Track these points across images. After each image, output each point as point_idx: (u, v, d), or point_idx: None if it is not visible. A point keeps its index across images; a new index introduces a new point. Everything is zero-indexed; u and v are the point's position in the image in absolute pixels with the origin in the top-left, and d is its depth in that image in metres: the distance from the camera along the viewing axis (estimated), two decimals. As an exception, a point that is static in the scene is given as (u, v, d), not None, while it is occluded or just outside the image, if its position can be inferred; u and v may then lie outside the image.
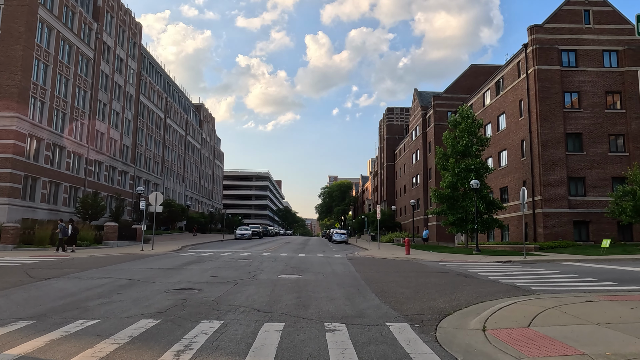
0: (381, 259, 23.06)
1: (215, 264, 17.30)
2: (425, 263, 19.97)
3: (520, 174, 35.56)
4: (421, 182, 56.79)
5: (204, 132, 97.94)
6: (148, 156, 65.76)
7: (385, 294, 10.44)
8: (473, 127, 32.76)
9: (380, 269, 16.75)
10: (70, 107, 44.88)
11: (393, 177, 79.17)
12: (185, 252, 25.85)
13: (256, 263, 18.09)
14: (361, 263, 19.62)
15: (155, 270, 14.86)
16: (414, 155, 61.61)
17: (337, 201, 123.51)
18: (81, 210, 41.53)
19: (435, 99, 52.97)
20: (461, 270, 16.55)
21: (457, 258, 23.28)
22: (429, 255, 26.11)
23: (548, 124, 32.88)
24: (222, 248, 31.73)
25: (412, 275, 14.35)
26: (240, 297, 9.71)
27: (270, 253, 26.13)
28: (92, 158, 49.15)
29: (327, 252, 29.82)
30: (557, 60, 33.68)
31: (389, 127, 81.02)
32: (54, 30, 41.72)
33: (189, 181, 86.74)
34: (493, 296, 10.16)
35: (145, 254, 22.95)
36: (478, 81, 52.56)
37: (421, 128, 56.89)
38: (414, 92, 61.95)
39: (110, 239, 29.90)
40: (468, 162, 31.93)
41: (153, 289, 10.75)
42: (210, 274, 14.04)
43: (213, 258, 20.60)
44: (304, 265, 17.53)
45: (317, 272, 15.17)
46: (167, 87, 76.13)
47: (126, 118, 58.17)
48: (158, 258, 20.29)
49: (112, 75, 53.64)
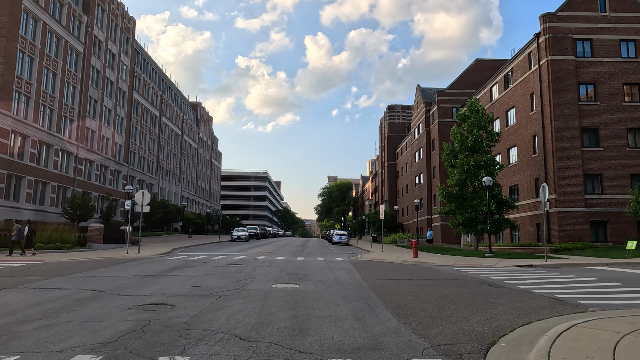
0: (387, 263, 21.03)
1: (201, 270, 15.28)
2: (438, 268, 17.96)
3: (532, 171, 33.56)
4: (424, 181, 54.78)
5: (201, 131, 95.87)
6: (142, 155, 63.71)
7: (403, 310, 8.43)
8: (483, 121, 30.75)
9: (390, 276, 14.73)
10: (59, 103, 42.84)
11: (395, 177, 77.14)
12: (173, 255, 23.83)
13: (248, 269, 16.06)
14: (366, 268, 17.60)
15: (129, 279, 12.85)
16: (416, 154, 59.59)
17: (337, 202, 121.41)
18: (69, 211, 39.50)
19: (439, 94, 51.00)
20: (481, 277, 14.55)
21: (470, 262, 21.28)
22: (439, 258, 24.09)
23: (562, 118, 30.89)
24: (216, 251, 29.72)
25: (428, 284, 12.34)
26: (221, 316, 7.70)
27: (266, 256, 24.10)
28: (82, 157, 47.11)
29: (327, 255, 27.82)
30: (571, 50, 31.71)
31: (390, 125, 78.95)
32: (40, 21, 39.69)
33: (186, 181, 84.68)
34: (537, 313, 8.16)
35: (129, 258, 20.93)
36: (483, 76, 50.67)
37: (424, 125, 54.89)
38: (416, 89, 59.97)
39: (95, 241, 27.83)
40: (478, 158, 29.93)
41: (116, 304, 8.74)
42: (192, 283, 12.03)
43: (202, 263, 18.58)
44: (303, 272, 15.51)
45: (317, 280, 13.16)
46: (163, 84, 74.09)
47: (119, 115, 56.14)
48: (140, 263, 18.27)
49: (103, 71, 51.62)
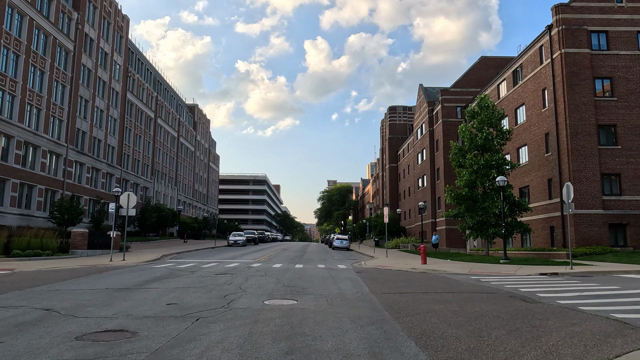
0: (395, 271, 19.08)
1: (185, 282, 13.34)
2: (454, 277, 16.02)
3: (544, 171, 31.69)
4: (428, 183, 52.88)
5: (198, 133, 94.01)
6: (136, 158, 61.79)
7: (431, 340, 6.50)
8: (493, 117, 28.88)
9: (402, 288, 12.78)
10: (47, 102, 40.97)
11: (396, 179, 75.25)
12: (161, 262, 21.88)
13: (240, 279, 14.13)
14: (373, 278, 15.66)
15: (97, 293, 10.92)
16: (419, 155, 57.73)
17: (336, 205, 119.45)
18: (56, 215, 37.56)
19: (443, 93, 49.20)
20: (507, 288, 12.63)
21: (486, 269, 19.35)
22: (450, 265, 22.15)
23: (577, 114, 29.05)
24: (209, 257, 27.78)
25: (451, 300, 10.41)
26: (192, 351, 5.78)
27: (262, 263, 22.16)
28: (72, 159, 45.20)
29: (328, 262, 25.89)
30: (586, 43, 29.91)
31: (392, 126, 77.11)
32: (26, 17, 37.87)
33: (182, 185, 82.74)
34: (607, 344, 6.25)
35: (110, 267, 19.00)
36: (489, 74, 48.92)
37: (427, 125, 53.06)
38: (419, 88, 58.19)
39: (78, 248, 25.87)
40: (488, 157, 28.05)
41: (61, 332, 6.81)
42: (169, 299, 10.09)
43: (188, 272, 16.64)
44: (301, 282, 13.59)
45: (318, 294, 11.23)
46: (158, 85, 72.28)
47: (111, 117, 54.28)
48: (120, 272, 16.34)
49: (95, 70, 49.79)
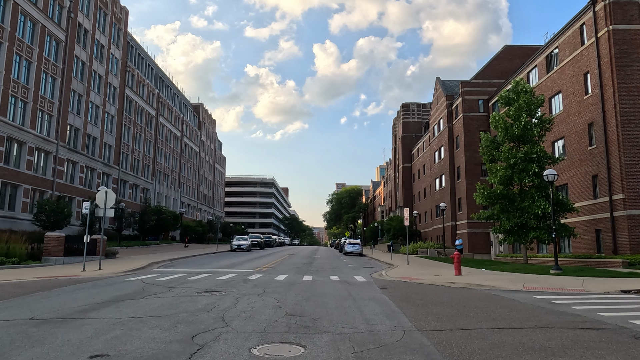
0: (429, 285, 15.25)
1: (150, 306, 9.68)
2: (514, 297, 12.17)
3: (588, 166, 27.71)
4: (447, 183, 48.93)
5: (203, 134, 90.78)
6: (136, 157, 58.52)
7: None
8: (533, 103, 24.98)
9: (457, 320, 8.79)
10: (34, 95, 37.77)
11: (410, 180, 71.28)
12: (142, 273, 18.28)
13: (227, 301, 10.42)
14: (407, 298, 11.87)
15: (6, 329, 7.27)
16: (436, 154, 53.80)
17: (346, 208, 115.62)
18: (41, 217, 34.20)
19: (463, 85, 45.32)
20: (603, 316, 8.82)
21: (542, 283, 15.48)
22: (492, 277, 18.28)
23: (630, 100, 25.10)
24: (203, 265, 24.17)
25: (543, 342, 6.60)
26: None
27: (263, 274, 18.47)
28: (64, 157, 41.95)
29: (342, 271, 22.16)
30: (637, 18, 25.98)
31: (405, 124, 73.20)
32: (9, 1, 34.72)
33: (186, 186, 79.44)
34: None
35: (75, 279, 15.44)
36: (514, 64, 45.03)
37: (446, 121, 49.16)
38: (435, 82, 54.34)
39: (53, 254, 22.36)
40: (527, 150, 24.14)
41: None
42: (101, 346, 6.36)
43: (166, 288, 13.00)
44: (311, 307, 9.85)
45: (337, 331, 7.46)
46: (160, 82, 69.09)
47: (108, 113, 51.06)
48: (77, 289, 12.75)
49: (90, 63, 46.60)
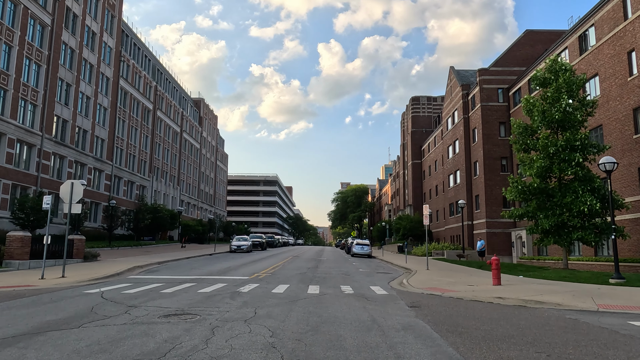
0: (471, 302, 11.84)
1: (77, 345, 6.38)
2: (600, 322, 8.78)
3: (633, 157, 24.22)
4: (463, 179, 45.48)
5: (204, 130, 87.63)
6: (132, 153, 55.40)
7: None
8: (574, 83, 21.53)
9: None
10: (14, 82, 34.66)
11: (420, 177, 67.82)
12: (113, 282, 15.03)
13: (196, 337, 7.00)
14: (456, 326, 8.44)
15: None
16: (450, 148, 50.34)
17: (352, 207, 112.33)
18: (19, 216, 31.09)
19: (481, 73, 41.86)
20: None
21: (613, 297, 12.09)
22: (541, 287, 14.86)
23: (686, 80, 21.63)
24: (193, 270, 20.94)
25: None
26: None
27: (259, 284, 15.19)
28: (49, 150, 38.86)
29: (354, 278, 18.86)
30: (694, -14, 22.52)
31: (414, 119, 69.70)
32: (-15, -22, 31.66)
33: (186, 184, 76.33)
34: None
35: (20, 291, 12.21)
36: (536, 50, 41.59)
37: (461, 112, 45.70)
38: (449, 71, 50.86)
39: (16, 257, 19.11)
40: (570, 137, 20.71)
41: None
42: None
43: (124, 307, 9.74)
44: (321, 348, 6.49)
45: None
46: (158, 75, 65.97)
47: (100, 105, 47.95)
48: (8, 307, 9.51)
49: (79, 51, 43.50)
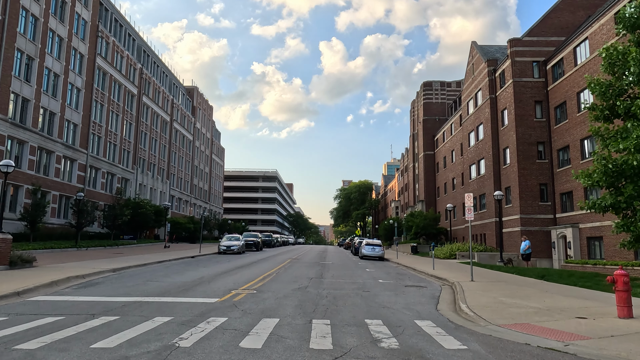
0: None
1: None
2: None
3: None
4: (489, 170, 39.35)
5: (198, 120, 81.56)
6: (111, 141, 49.34)
7: None
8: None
9: None
10: (-45, 48, 28.66)
11: (433, 171, 61.66)
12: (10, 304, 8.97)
13: None
14: None
15: None
16: (472, 135, 44.20)
17: (355, 204, 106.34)
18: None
19: (513, 44, 35.71)
20: None
21: None
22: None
23: None
24: (149, 283, 14.90)
25: None
26: None
27: (226, 320, 9.16)
28: (4, 133, 32.85)
29: (379, 297, 12.81)
30: None
31: (427, 106, 63.45)
32: None
33: (177, 178, 70.28)
34: None
35: None
36: (577, 17, 35.48)
37: (487, 92, 39.57)
38: (471, 47, 44.67)
39: None
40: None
41: None
42: None
43: None
44: None
45: None
46: (144, 57, 59.84)
47: (72, 84, 41.88)
48: None
49: (45, 19, 37.42)
